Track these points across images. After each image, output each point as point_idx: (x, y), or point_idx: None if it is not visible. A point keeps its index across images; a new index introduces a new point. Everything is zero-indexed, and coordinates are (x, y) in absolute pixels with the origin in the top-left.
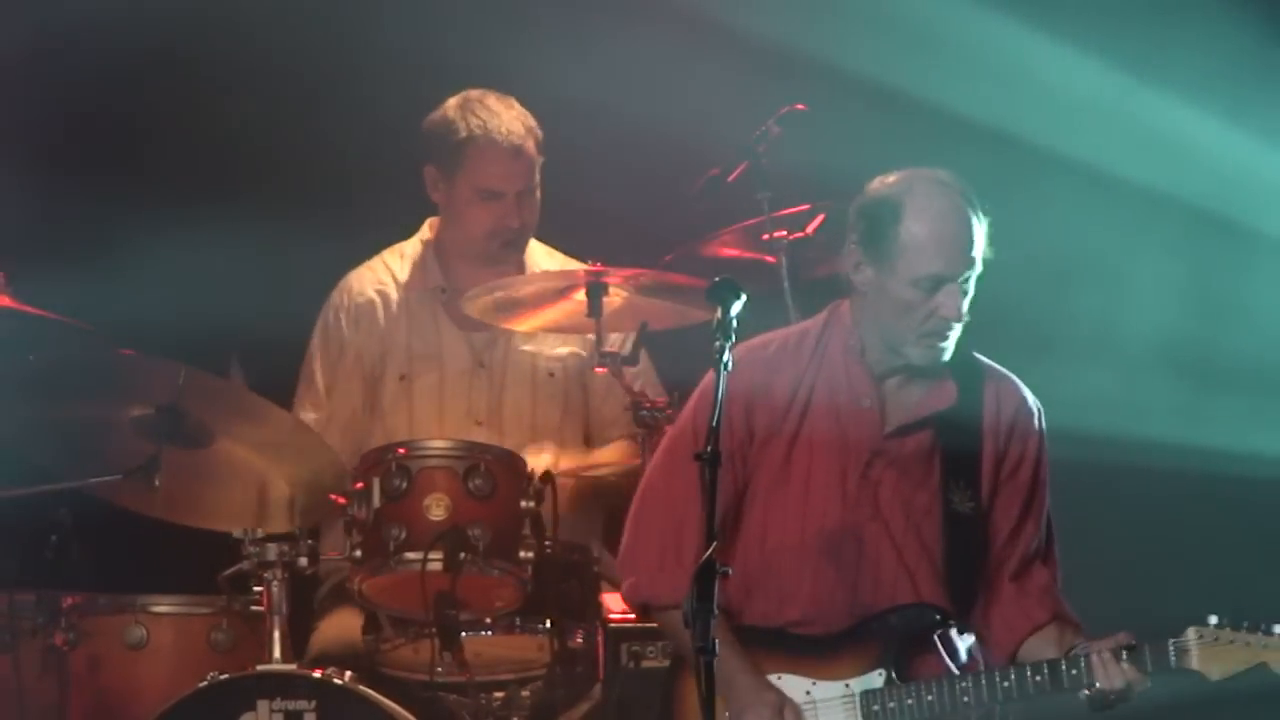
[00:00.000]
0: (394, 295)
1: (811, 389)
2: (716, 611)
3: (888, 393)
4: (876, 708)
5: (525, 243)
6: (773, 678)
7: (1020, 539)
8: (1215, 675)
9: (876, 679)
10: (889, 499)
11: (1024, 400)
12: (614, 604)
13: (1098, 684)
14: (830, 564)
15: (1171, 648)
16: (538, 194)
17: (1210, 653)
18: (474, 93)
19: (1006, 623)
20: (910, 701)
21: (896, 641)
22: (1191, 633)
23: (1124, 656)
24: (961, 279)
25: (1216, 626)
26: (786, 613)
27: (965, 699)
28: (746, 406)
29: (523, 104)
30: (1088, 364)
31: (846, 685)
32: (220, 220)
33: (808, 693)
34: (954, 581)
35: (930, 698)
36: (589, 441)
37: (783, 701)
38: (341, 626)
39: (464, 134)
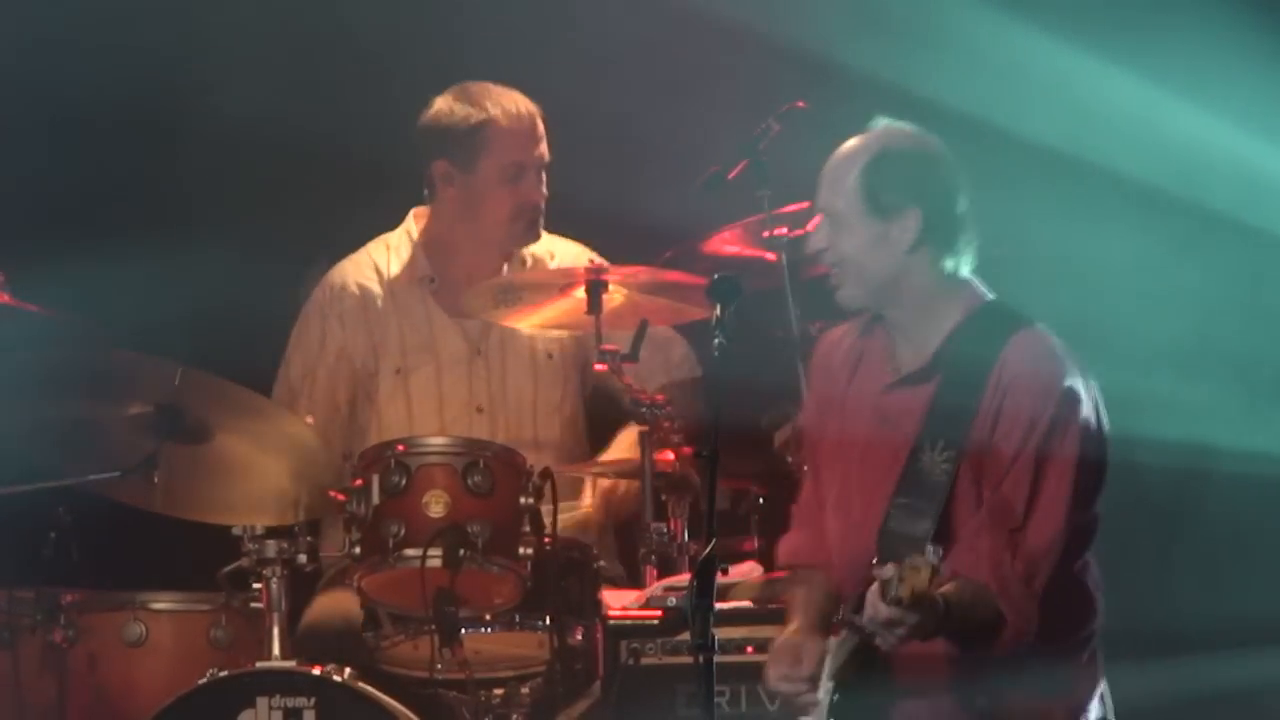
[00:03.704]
0: (379, 288)
1: (861, 353)
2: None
3: (899, 350)
4: (831, 663)
5: (541, 221)
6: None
7: (992, 500)
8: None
9: (846, 635)
10: (889, 459)
11: (1037, 368)
12: (614, 601)
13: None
14: (853, 527)
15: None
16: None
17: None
18: (469, 84)
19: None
20: (836, 656)
21: (856, 596)
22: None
23: (879, 584)
24: None
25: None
26: (836, 581)
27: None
28: (816, 387)
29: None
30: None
31: (834, 645)
32: (219, 218)
33: (829, 652)
34: (891, 538)
35: (841, 649)
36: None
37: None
38: (335, 602)
39: (481, 117)
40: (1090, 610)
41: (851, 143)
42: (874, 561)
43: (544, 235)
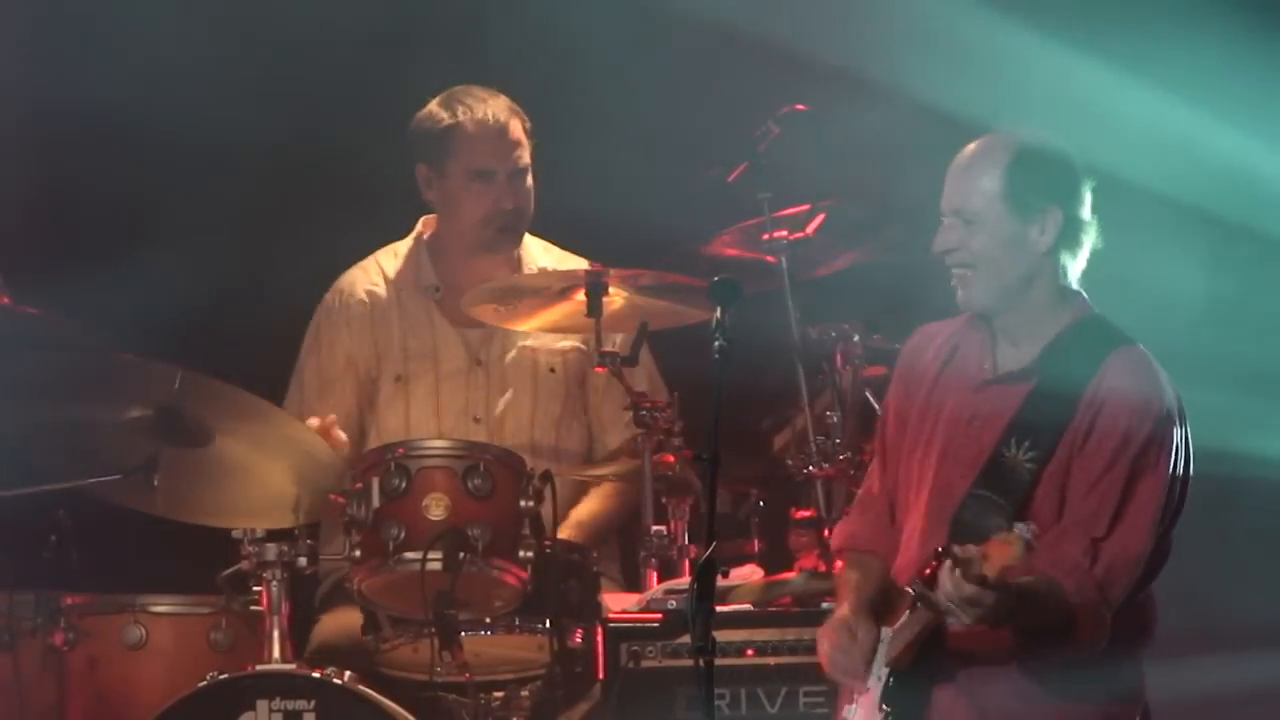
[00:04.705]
0: (387, 295)
1: (955, 347)
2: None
3: (1000, 348)
4: (889, 648)
5: (522, 229)
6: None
7: (1078, 508)
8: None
9: (899, 623)
10: (973, 456)
11: (1138, 384)
12: (614, 603)
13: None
14: (921, 517)
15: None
16: (530, 179)
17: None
18: (457, 88)
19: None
20: (894, 643)
21: (922, 580)
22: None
23: (954, 565)
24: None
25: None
26: (895, 570)
27: (914, 627)
28: (903, 377)
29: (522, 104)
30: None
31: (891, 632)
32: (221, 219)
33: (882, 639)
34: (965, 529)
35: (901, 635)
36: (590, 439)
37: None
38: (343, 620)
39: (449, 122)
40: (1146, 630)
41: (984, 142)
42: (940, 549)
43: (551, 247)
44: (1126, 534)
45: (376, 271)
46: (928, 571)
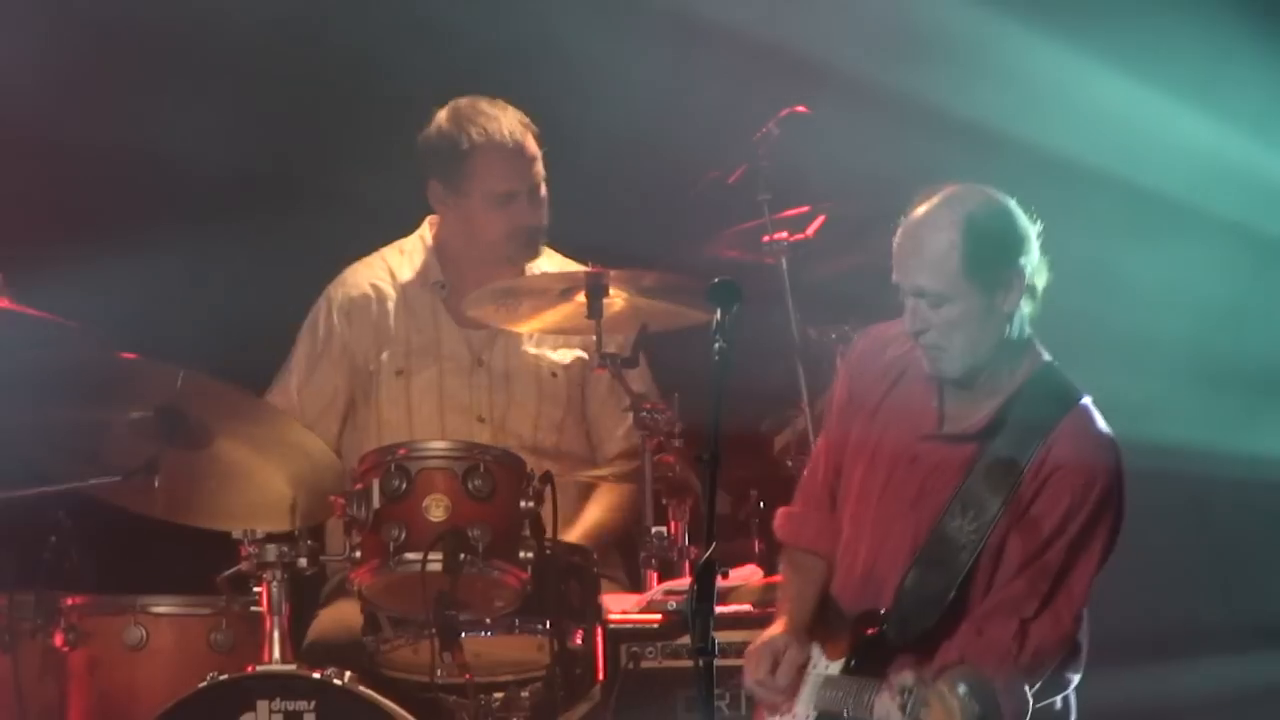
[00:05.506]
0: (391, 290)
1: (902, 372)
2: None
3: (949, 399)
4: (823, 693)
5: (540, 242)
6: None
7: (1010, 586)
8: None
9: (836, 668)
10: (913, 500)
11: (1084, 458)
12: (614, 604)
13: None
14: (863, 546)
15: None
16: (544, 188)
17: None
18: (462, 101)
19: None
20: (829, 692)
21: (863, 640)
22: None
23: (896, 691)
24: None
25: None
26: (835, 584)
27: (848, 703)
28: (851, 381)
29: (523, 106)
30: (1092, 367)
31: (826, 666)
32: (222, 221)
33: (815, 665)
34: (907, 598)
35: (837, 693)
36: (591, 443)
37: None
38: (342, 614)
39: (467, 145)
40: (1076, 662)
41: (930, 215)
42: (884, 612)
43: (554, 254)
44: (1056, 616)
45: (382, 267)
46: (870, 631)
